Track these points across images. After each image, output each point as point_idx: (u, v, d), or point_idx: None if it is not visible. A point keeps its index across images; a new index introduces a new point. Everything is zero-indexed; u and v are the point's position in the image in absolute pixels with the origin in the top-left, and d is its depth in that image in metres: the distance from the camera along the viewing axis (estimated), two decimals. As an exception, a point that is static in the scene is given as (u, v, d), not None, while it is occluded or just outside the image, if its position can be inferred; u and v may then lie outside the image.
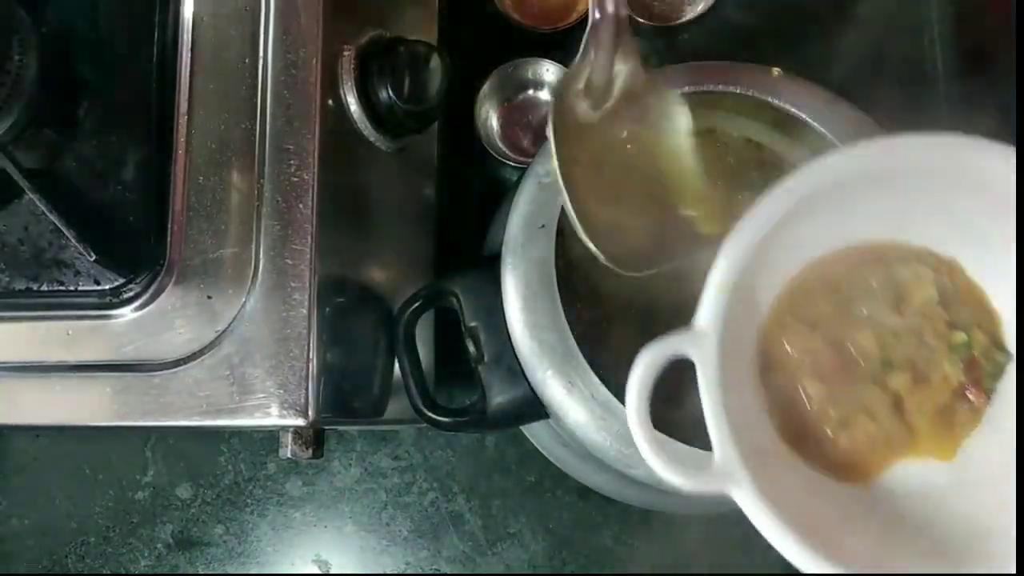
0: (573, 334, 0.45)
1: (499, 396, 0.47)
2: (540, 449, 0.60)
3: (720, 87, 0.48)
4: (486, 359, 0.48)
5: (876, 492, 0.41)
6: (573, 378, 0.44)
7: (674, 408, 0.48)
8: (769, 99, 0.48)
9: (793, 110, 0.48)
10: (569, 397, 0.44)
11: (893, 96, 0.66)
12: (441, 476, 0.67)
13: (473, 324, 0.48)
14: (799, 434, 0.41)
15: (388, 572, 0.66)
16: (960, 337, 0.41)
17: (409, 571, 0.66)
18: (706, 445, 0.36)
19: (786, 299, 0.42)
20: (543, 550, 0.65)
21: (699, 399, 0.36)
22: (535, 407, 0.47)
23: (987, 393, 0.41)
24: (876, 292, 0.41)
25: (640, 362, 0.36)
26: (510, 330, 0.46)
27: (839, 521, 0.39)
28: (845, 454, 0.41)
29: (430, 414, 0.49)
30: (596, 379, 0.44)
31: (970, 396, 0.41)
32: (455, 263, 0.65)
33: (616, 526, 0.65)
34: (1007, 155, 0.37)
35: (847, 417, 0.41)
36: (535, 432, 0.59)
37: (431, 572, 0.66)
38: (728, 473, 0.35)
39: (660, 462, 0.35)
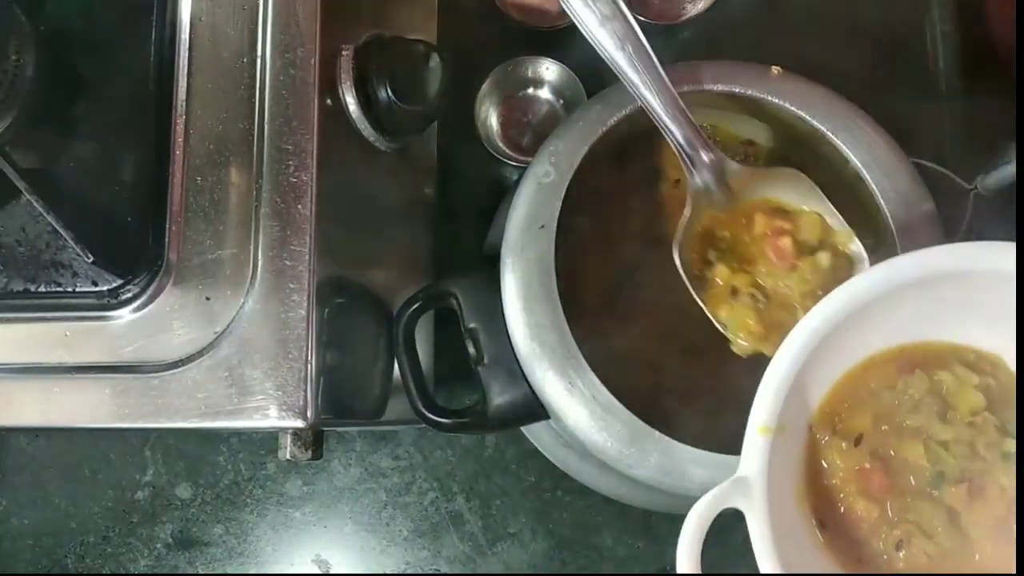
0: (573, 335, 0.44)
1: (499, 397, 0.47)
2: (540, 449, 0.60)
3: (720, 87, 0.48)
4: (486, 360, 0.47)
5: None
6: (573, 379, 0.44)
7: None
8: (769, 98, 0.48)
9: (793, 109, 0.47)
10: (570, 398, 0.44)
11: (893, 95, 0.66)
12: (441, 476, 0.67)
13: (473, 325, 0.48)
14: (852, 556, 0.40)
15: (388, 572, 0.66)
16: (1010, 445, 0.40)
17: (409, 571, 0.66)
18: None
19: (824, 418, 0.42)
20: (543, 550, 0.65)
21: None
22: (535, 408, 0.47)
23: None
24: (920, 402, 0.41)
25: (691, 519, 0.36)
26: (510, 331, 0.46)
27: None
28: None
29: (430, 416, 0.49)
30: (596, 379, 0.44)
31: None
32: (455, 263, 0.65)
33: (616, 526, 0.65)
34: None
35: (903, 537, 0.40)
36: (535, 432, 0.59)
37: (431, 572, 0.66)
38: None
39: None
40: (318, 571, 0.67)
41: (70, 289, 0.46)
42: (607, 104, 0.49)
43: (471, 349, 0.48)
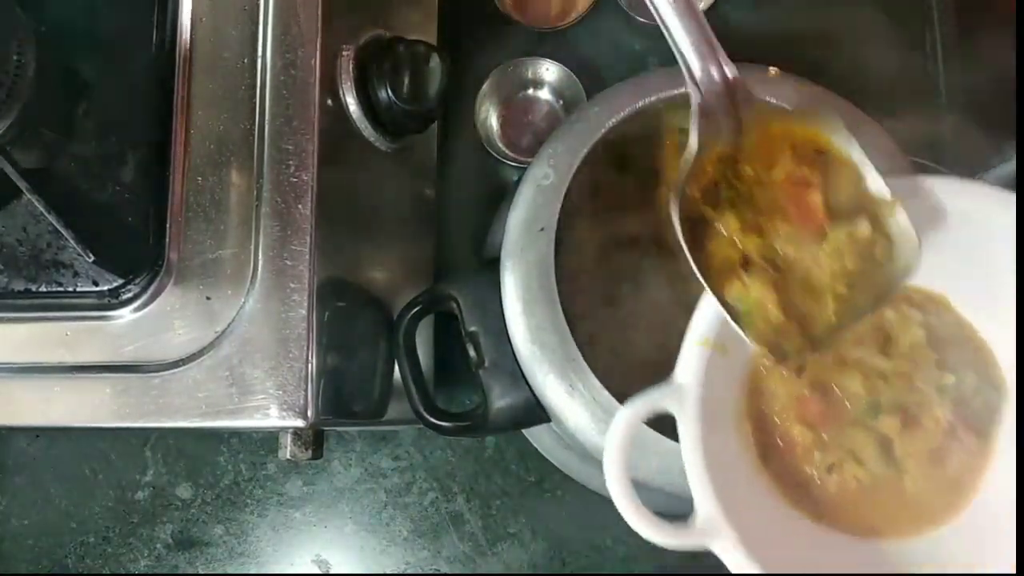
0: (574, 337, 0.45)
1: (500, 400, 0.47)
2: (540, 450, 0.60)
3: None
4: (486, 363, 0.47)
5: (874, 542, 0.40)
6: (574, 381, 0.44)
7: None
8: (766, 99, 0.48)
9: (790, 110, 0.47)
10: (570, 400, 0.44)
11: (893, 95, 0.66)
12: (441, 476, 0.67)
13: (473, 328, 0.48)
14: (787, 480, 0.40)
15: (388, 572, 0.66)
16: (949, 379, 0.40)
17: (409, 571, 0.66)
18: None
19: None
20: (543, 550, 0.65)
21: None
22: (536, 411, 0.47)
23: (979, 434, 0.40)
24: (863, 335, 0.41)
25: (619, 419, 0.36)
26: (510, 334, 0.46)
27: (833, 571, 0.38)
28: (835, 500, 0.40)
29: (431, 419, 0.49)
30: (597, 382, 0.44)
31: (961, 437, 0.40)
32: (455, 264, 0.65)
33: (616, 526, 0.65)
34: (988, 193, 0.38)
35: (835, 462, 0.40)
36: (535, 433, 0.59)
37: (431, 572, 0.66)
38: (711, 529, 0.35)
39: (640, 520, 0.36)
40: (318, 571, 0.67)
41: (71, 289, 0.46)
42: (606, 106, 0.49)
43: (471, 352, 0.48)
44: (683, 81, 0.46)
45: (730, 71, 0.38)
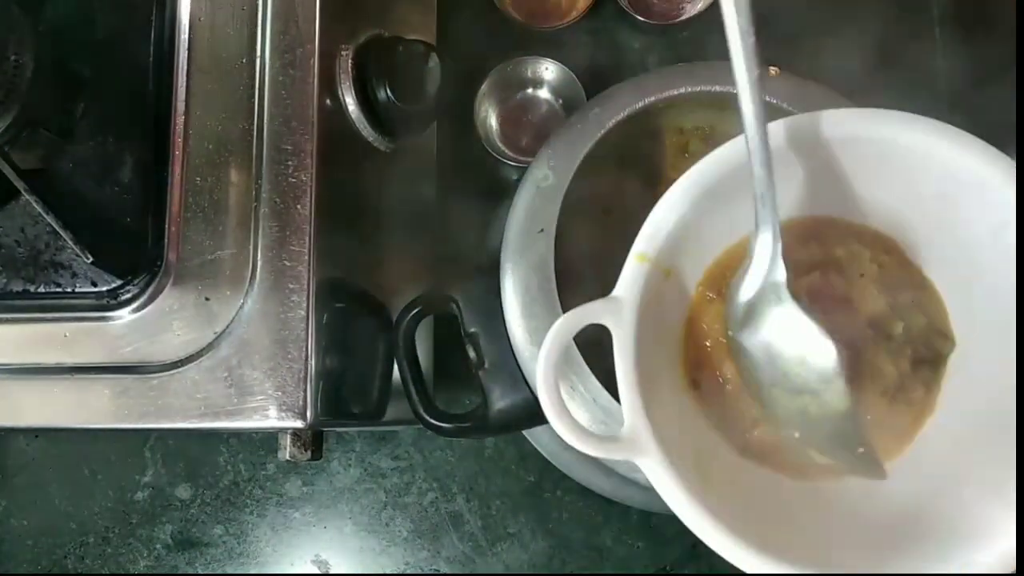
0: (574, 338, 0.44)
1: (500, 401, 0.47)
2: (540, 450, 0.60)
3: (718, 87, 0.48)
4: (487, 365, 0.47)
5: (813, 484, 0.39)
6: (574, 382, 0.44)
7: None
8: (767, 99, 0.47)
9: (791, 110, 0.47)
10: (571, 401, 0.44)
11: (895, 96, 0.66)
12: (441, 476, 0.67)
13: (473, 330, 0.48)
14: (723, 420, 0.40)
15: (387, 572, 0.66)
16: (898, 327, 0.40)
17: (408, 571, 0.66)
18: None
19: (711, 276, 0.41)
20: (543, 550, 0.65)
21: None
22: (536, 411, 0.46)
23: (925, 382, 0.40)
24: (811, 270, 0.40)
25: (555, 328, 0.36)
26: (510, 335, 0.46)
27: (769, 511, 0.38)
28: (764, 442, 0.40)
29: (432, 420, 0.49)
30: (597, 383, 0.44)
31: (908, 387, 0.40)
32: (454, 264, 0.65)
33: (616, 526, 0.65)
34: (946, 133, 0.37)
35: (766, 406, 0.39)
36: (535, 433, 0.59)
37: (430, 572, 0.66)
38: (637, 442, 0.35)
39: (567, 428, 0.35)
40: (317, 571, 0.67)
41: (69, 290, 0.46)
42: (606, 107, 0.49)
43: (472, 353, 0.48)
44: (681, 82, 0.46)
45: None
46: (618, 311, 0.36)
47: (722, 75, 0.48)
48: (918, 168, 0.37)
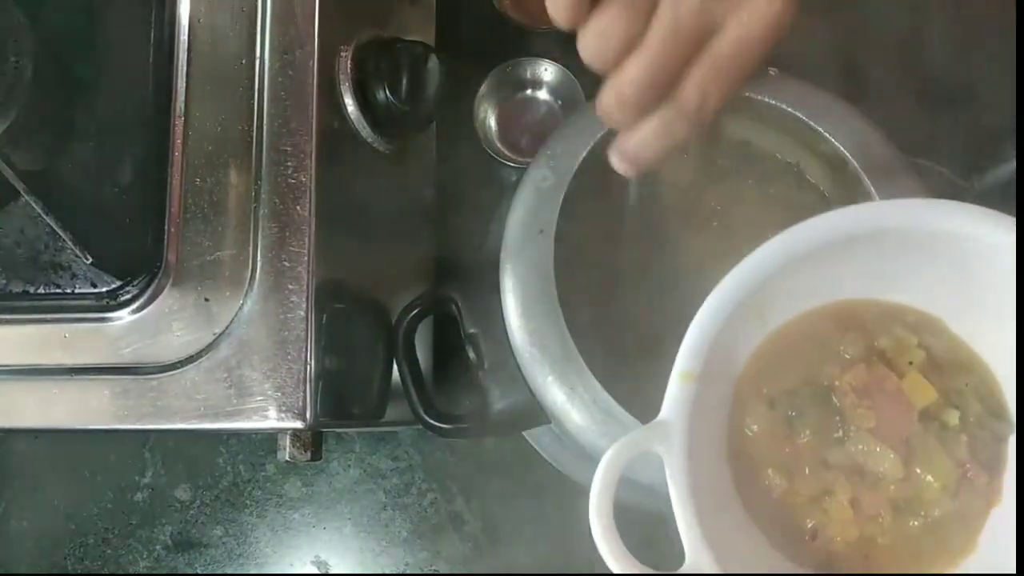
0: (574, 339, 0.44)
1: (500, 402, 0.47)
2: (539, 451, 0.60)
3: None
4: (486, 365, 0.47)
5: None
6: (574, 383, 0.44)
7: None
8: (765, 99, 0.48)
9: (790, 110, 0.47)
10: (570, 403, 0.44)
11: (894, 97, 0.66)
12: (440, 477, 0.67)
13: (473, 330, 0.48)
14: (776, 527, 0.38)
15: (387, 573, 0.66)
16: (953, 417, 0.38)
17: (408, 572, 0.66)
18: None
19: (751, 377, 0.39)
20: (543, 550, 0.65)
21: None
22: (536, 413, 0.46)
23: (987, 468, 0.38)
24: (854, 362, 0.39)
25: (605, 460, 0.35)
26: (510, 336, 0.46)
27: None
28: (825, 551, 0.38)
29: (431, 421, 0.49)
30: (597, 384, 0.44)
31: (970, 476, 0.38)
32: (454, 264, 0.65)
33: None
34: (991, 219, 0.36)
35: (820, 518, 0.38)
36: (535, 433, 0.59)
37: (430, 573, 0.66)
38: (701, 572, 0.33)
39: (623, 566, 0.33)
40: (317, 572, 0.67)
41: (69, 291, 0.46)
42: None
43: (471, 354, 0.48)
44: None
45: None
46: (667, 436, 0.35)
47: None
48: (979, 258, 0.37)
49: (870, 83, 0.65)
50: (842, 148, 0.47)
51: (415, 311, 0.50)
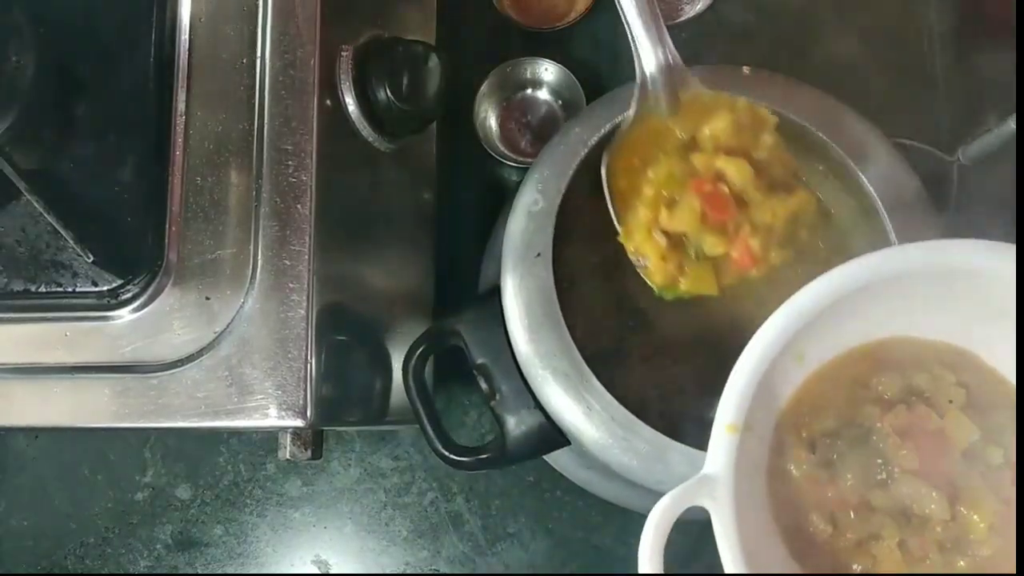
0: (583, 357, 0.44)
1: (517, 430, 0.46)
2: (557, 468, 0.59)
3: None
4: (499, 396, 0.47)
5: None
6: (590, 402, 0.44)
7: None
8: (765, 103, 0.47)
9: (783, 112, 0.47)
10: (588, 421, 0.44)
11: (893, 97, 0.66)
12: (440, 476, 0.67)
13: (481, 361, 0.47)
14: (824, 573, 0.38)
15: (387, 572, 0.66)
16: (997, 455, 0.37)
17: (408, 571, 0.66)
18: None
19: (790, 420, 0.39)
20: (542, 550, 0.65)
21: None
22: (554, 436, 0.46)
23: None
24: (890, 404, 0.38)
25: (654, 517, 0.34)
26: (519, 361, 0.45)
27: None
28: None
29: (450, 456, 0.48)
30: (613, 400, 0.43)
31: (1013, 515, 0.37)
32: (453, 264, 0.65)
33: (616, 526, 0.65)
34: (993, 249, 0.36)
35: (867, 562, 0.37)
36: (553, 455, 0.59)
37: (430, 572, 0.66)
38: None
39: None
40: (317, 571, 0.67)
41: (70, 289, 0.46)
42: (585, 125, 0.48)
43: (483, 385, 0.47)
44: None
45: (672, 58, 0.45)
46: (714, 490, 0.35)
47: (702, 79, 0.48)
48: (996, 290, 0.37)
49: (871, 82, 0.65)
50: (829, 140, 0.46)
51: (420, 349, 0.49)
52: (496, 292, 0.47)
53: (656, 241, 0.43)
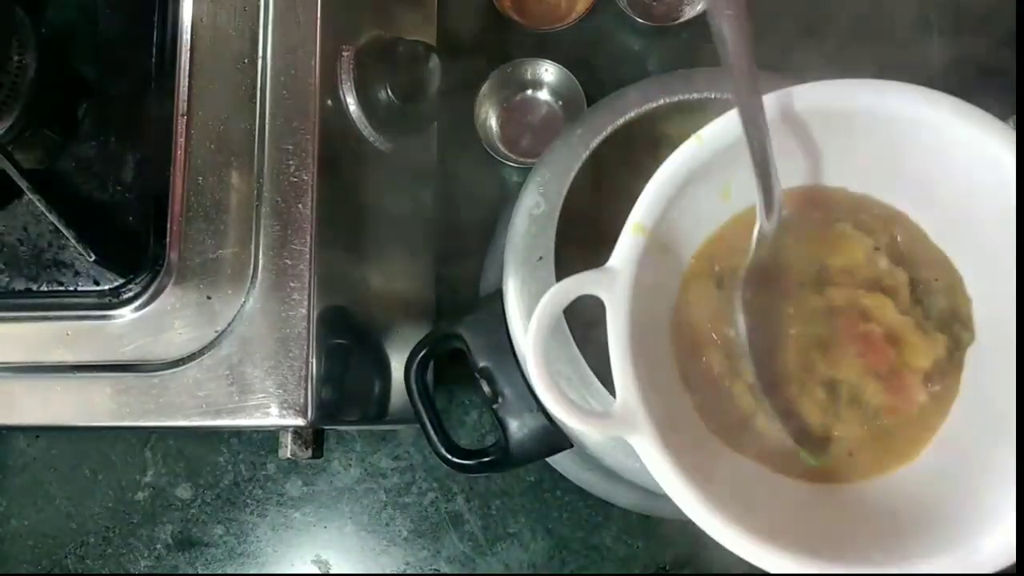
0: (586, 360, 0.44)
1: (519, 433, 0.46)
2: (559, 470, 0.60)
3: (694, 95, 0.47)
4: (501, 399, 0.46)
5: (816, 485, 0.37)
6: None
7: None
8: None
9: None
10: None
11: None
12: (441, 476, 0.67)
13: (484, 364, 0.47)
14: (716, 414, 0.38)
15: (388, 572, 0.66)
16: (939, 304, 0.37)
17: (409, 571, 0.66)
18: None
19: (704, 253, 0.39)
20: (543, 550, 0.65)
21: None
22: (557, 438, 0.46)
23: (943, 372, 0.37)
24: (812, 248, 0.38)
25: (545, 298, 0.34)
26: (522, 365, 0.45)
27: (775, 508, 0.36)
28: (767, 443, 0.37)
29: (453, 459, 0.48)
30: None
31: (928, 383, 0.37)
32: (452, 264, 0.65)
33: (616, 526, 0.65)
34: (951, 105, 0.35)
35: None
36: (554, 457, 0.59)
37: (431, 572, 0.66)
38: (629, 418, 0.33)
39: (556, 402, 0.33)
40: (318, 571, 0.67)
41: (72, 288, 0.46)
42: (587, 128, 0.48)
43: (485, 388, 0.47)
44: (657, 94, 0.46)
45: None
46: (612, 282, 0.35)
47: (700, 82, 0.48)
48: (917, 140, 0.36)
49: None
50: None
51: (422, 353, 0.49)
52: (498, 295, 0.47)
53: None
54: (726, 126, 0.36)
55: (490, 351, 0.47)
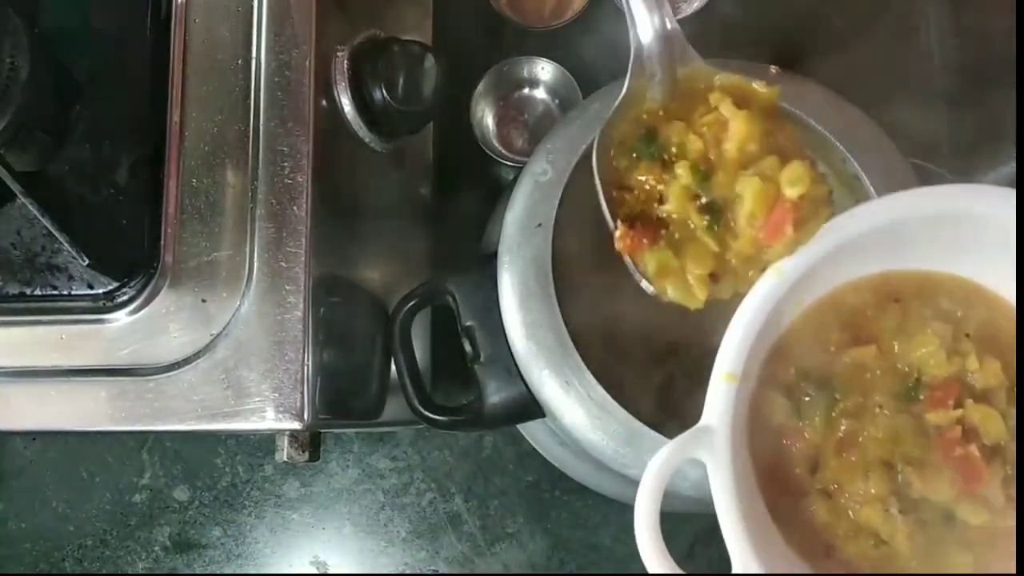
0: (570, 333, 0.44)
1: (495, 395, 0.47)
2: (538, 449, 0.60)
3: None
4: (482, 359, 0.47)
5: None
6: (569, 377, 0.44)
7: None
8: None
9: (791, 109, 0.47)
10: (566, 397, 0.44)
11: (891, 92, 0.66)
12: (439, 477, 0.67)
13: (469, 323, 0.48)
14: (804, 541, 0.36)
15: (386, 573, 0.66)
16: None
17: (407, 572, 0.66)
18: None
19: (770, 362, 0.38)
20: (541, 550, 0.65)
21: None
22: (531, 406, 0.47)
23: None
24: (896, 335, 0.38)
25: (651, 469, 0.34)
26: (506, 330, 0.46)
27: None
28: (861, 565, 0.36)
29: (426, 412, 0.49)
30: (593, 379, 0.44)
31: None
32: (450, 264, 0.65)
33: (614, 525, 0.65)
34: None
35: (852, 524, 0.36)
36: (532, 431, 0.59)
37: (429, 573, 0.66)
38: None
39: (669, 569, 0.32)
40: (316, 572, 0.67)
41: (66, 292, 0.46)
42: (605, 102, 0.48)
43: (467, 347, 0.48)
44: None
45: (670, 23, 0.40)
46: (712, 442, 0.34)
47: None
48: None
49: (870, 79, 0.65)
50: (843, 148, 0.46)
51: (412, 302, 0.50)
52: (493, 257, 0.47)
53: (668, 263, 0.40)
54: (805, 260, 0.35)
55: (478, 310, 0.48)
